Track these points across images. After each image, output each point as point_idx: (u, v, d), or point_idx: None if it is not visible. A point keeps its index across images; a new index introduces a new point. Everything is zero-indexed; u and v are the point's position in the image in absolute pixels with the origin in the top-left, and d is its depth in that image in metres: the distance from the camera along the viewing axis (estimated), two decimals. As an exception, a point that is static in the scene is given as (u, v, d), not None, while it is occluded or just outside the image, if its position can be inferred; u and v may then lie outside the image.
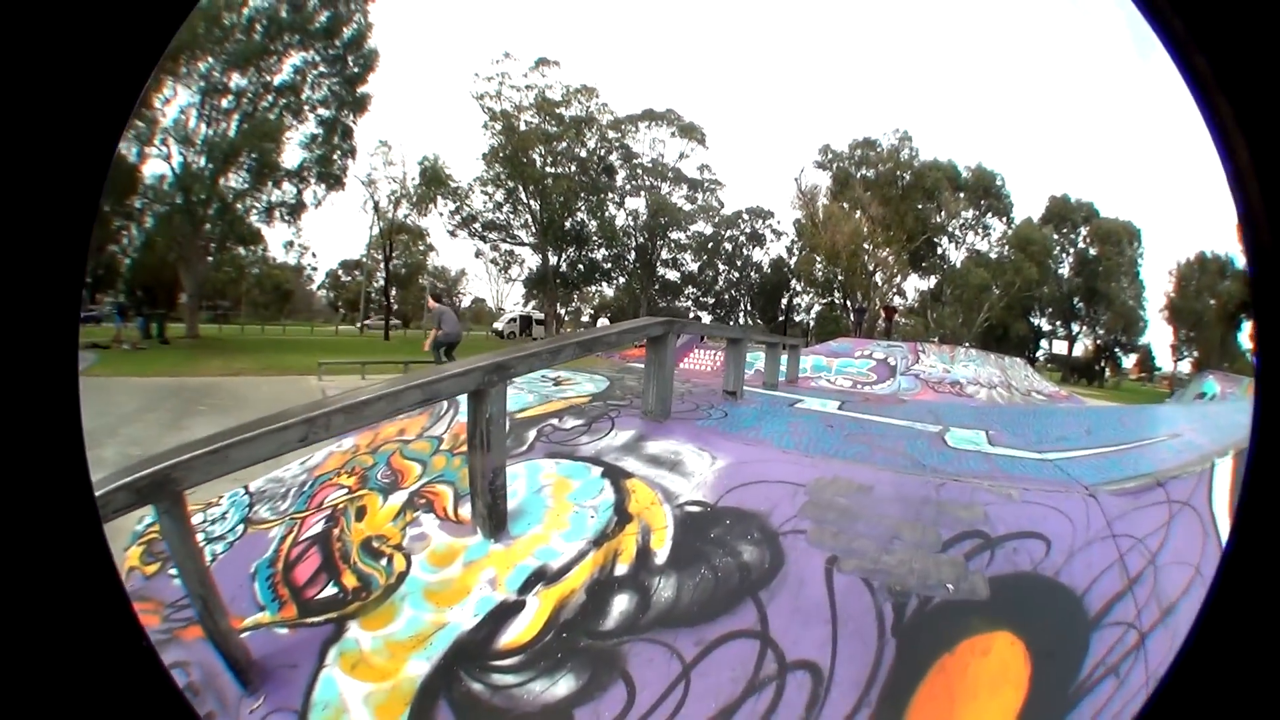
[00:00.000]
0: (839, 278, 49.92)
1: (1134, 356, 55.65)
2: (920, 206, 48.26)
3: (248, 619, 3.55)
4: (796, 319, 56.23)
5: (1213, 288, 50.78)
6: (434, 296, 19.38)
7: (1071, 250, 52.24)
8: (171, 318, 29.05)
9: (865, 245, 47.50)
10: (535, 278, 51.51)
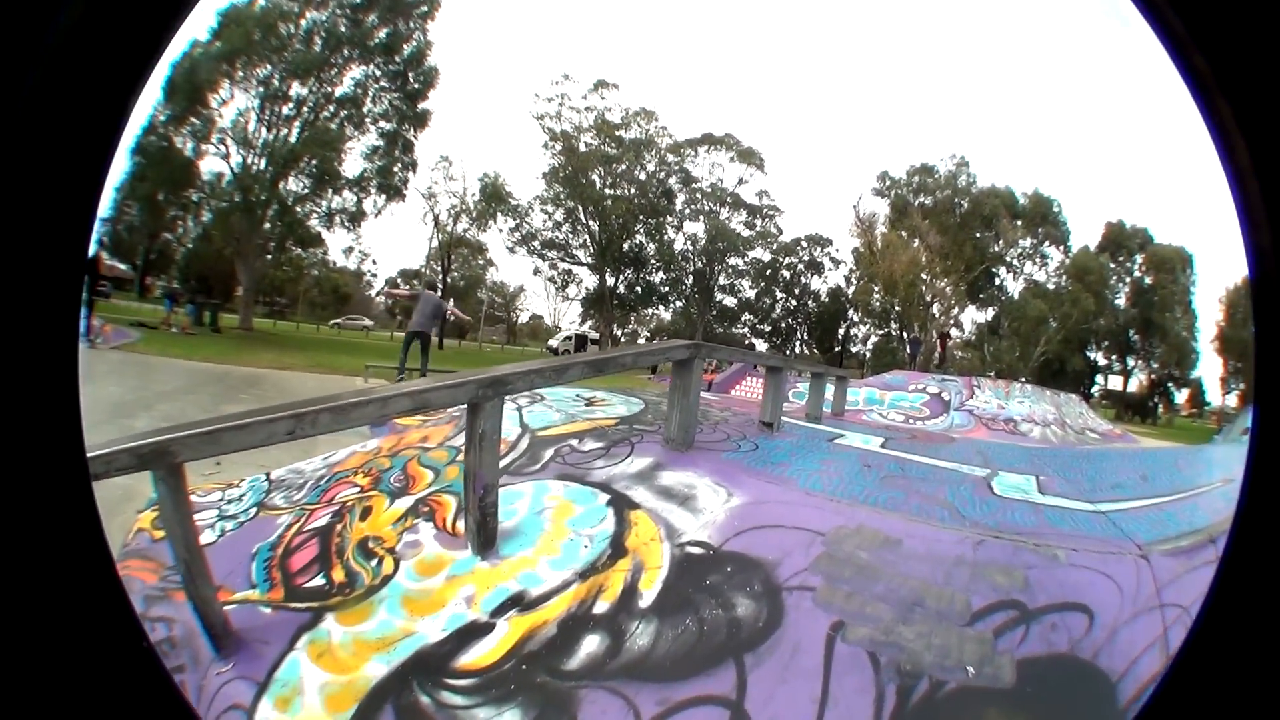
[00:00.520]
0: (896, 308, 49.14)
1: (1186, 391, 52.70)
2: (978, 235, 47.14)
3: (237, 593, 3.65)
4: (853, 349, 55.46)
5: (1262, 314, 47.15)
6: (429, 285, 18.24)
7: (1127, 279, 50.08)
8: (227, 309, 29.77)
9: (923, 275, 46.68)
10: (592, 297, 51.87)
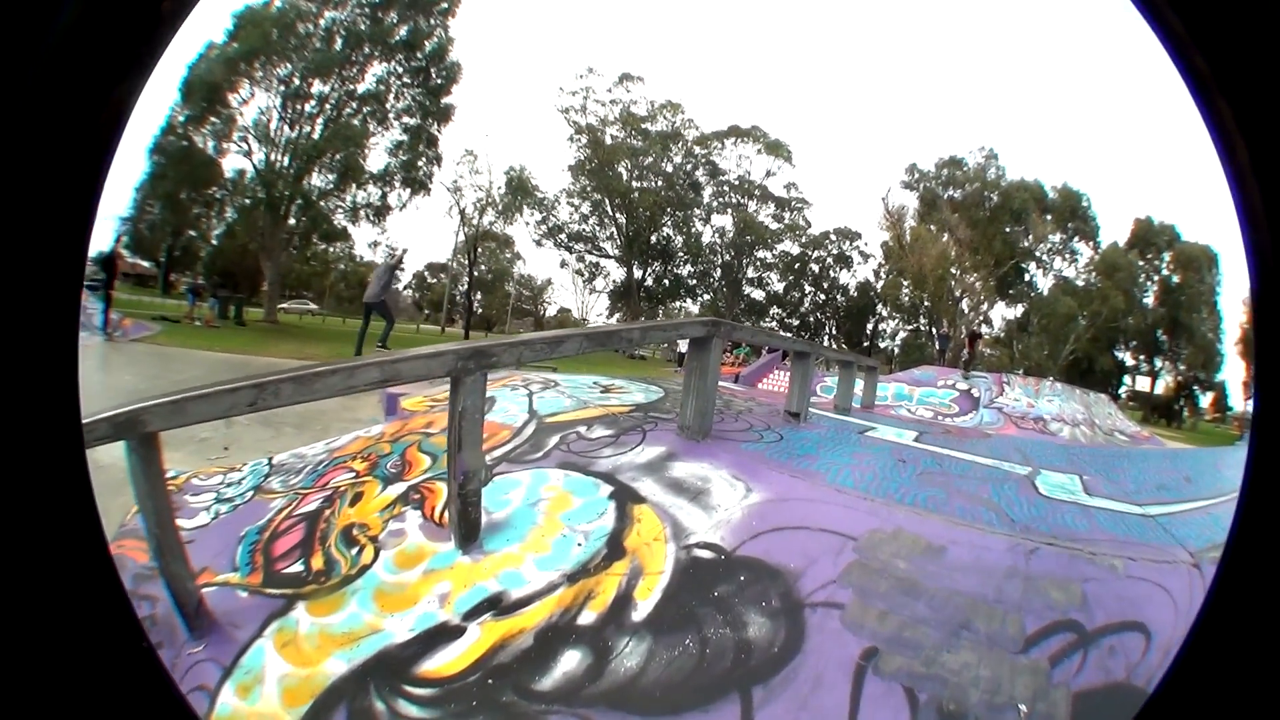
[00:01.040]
0: (925, 303, 48.49)
1: (1210, 395, 51.50)
2: (1008, 229, 46.42)
3: (219, 575, 3.55)
4: (881, 345, 55.14)
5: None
6: (393, 258, 17.08)
7: (1155, 278, 49.15)
8: (253, 303, 30.06)
9: (953, 269, 46.00)
10: (619, 290, 52.03)
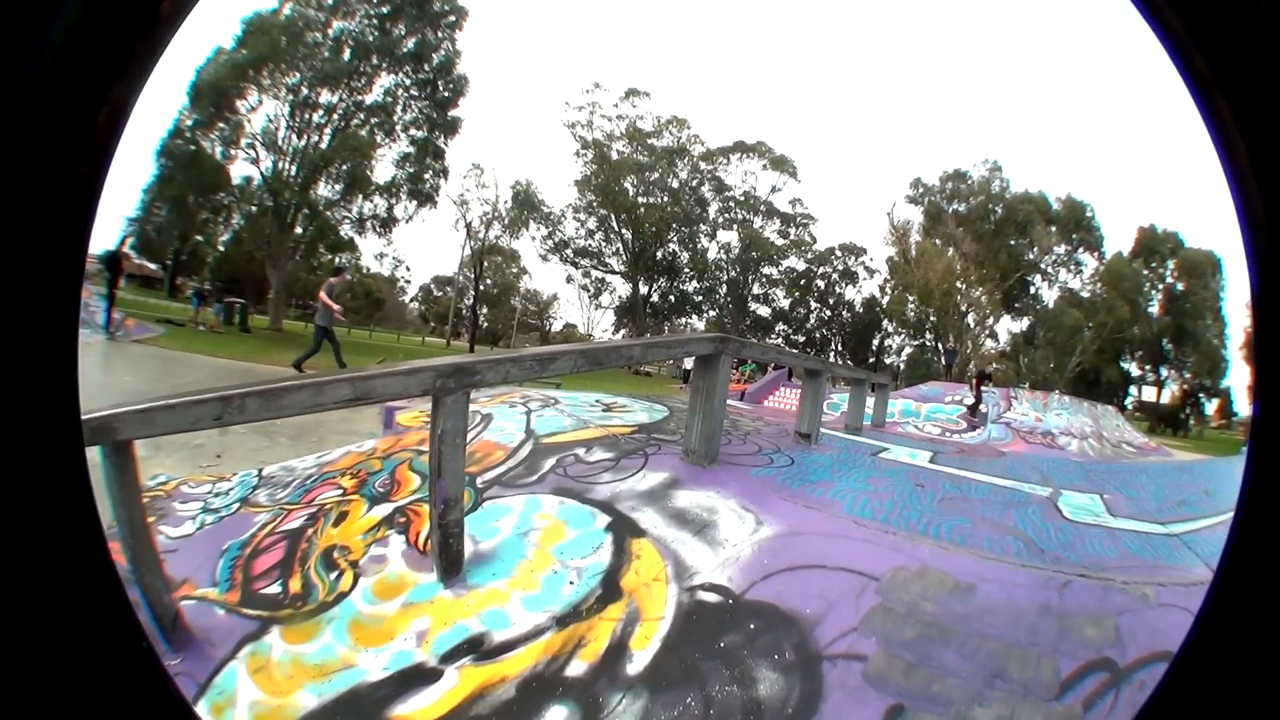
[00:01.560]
0: (931, 318, 48.29)
1: (1215, 402, 50.63)
2: (1013, 242, 46.28)
3: (198, 589, 3.45)
4: (887, 360, 54.76)
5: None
6: (333, 272, 17.02)
7: (1160, 286, 48.75)
8: (258, 310, 30.09)
9: (958, 284, 45.82)
10: (625, 306, 51.86)
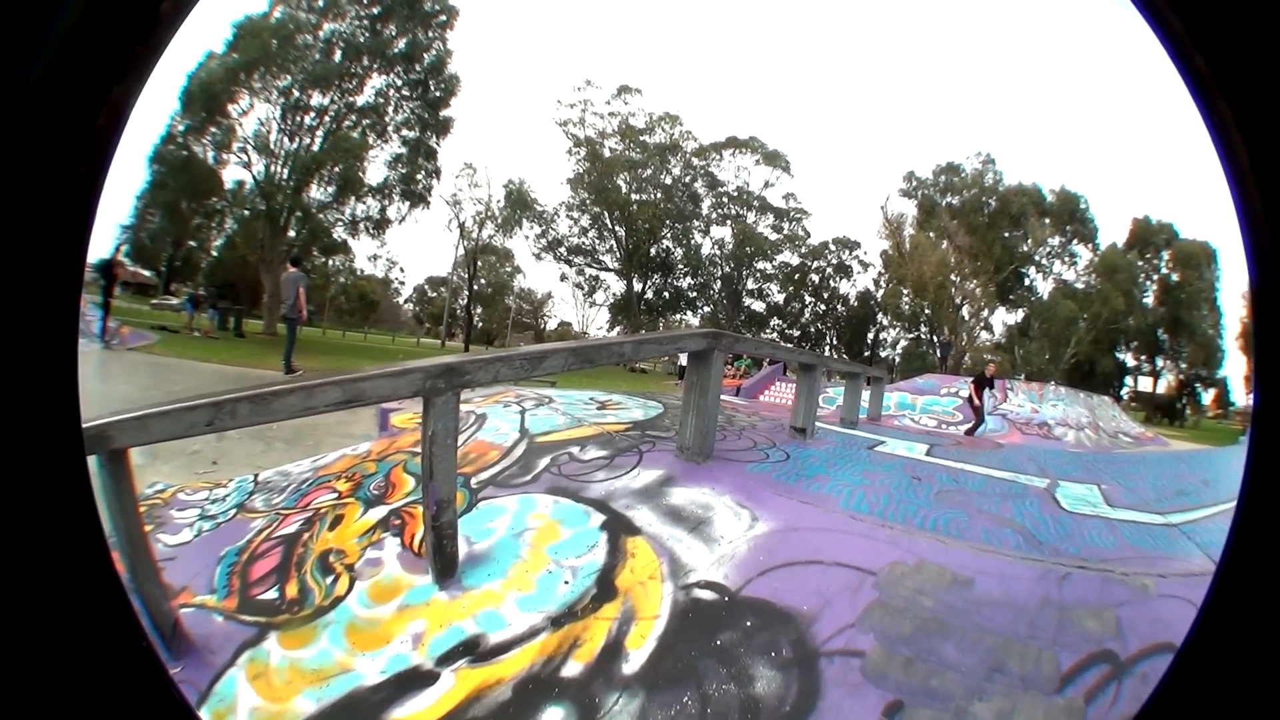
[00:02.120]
0: (925, 311, 48.38)
1: (1212, 391, 50.94)
2: (1006, 234, 46.36)
3: (197, 596, 3.45)
4: (882, 354, 54.79)
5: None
6: (292, 261, 17.41)
7: (1155, 277, 48.92)
8: (253, 315, 30.01)
9: (953, 276, 45.88)
10: (620, 303, 51.81)
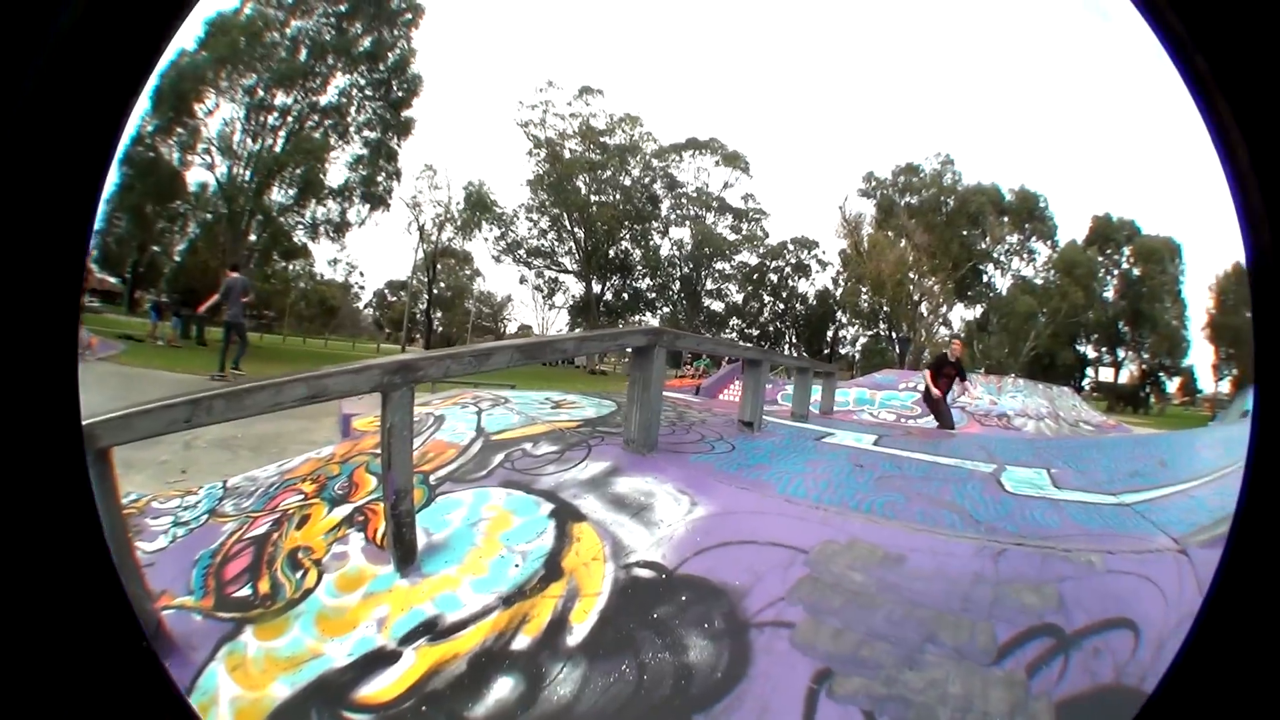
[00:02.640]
0: (885, 308, 49.21)
1: (1177, 380, 52.91)
2: (965, 233, 47.41)
3: (176, 599, 3.57)
4: (842, 351, 55.59)
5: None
6: (231, 267, 18.20)
7: (1115, 272, 50.47)
8: (215, 322, 29.70)
9: (911, 274, 46.82)
10: (579, 305, 51.92)
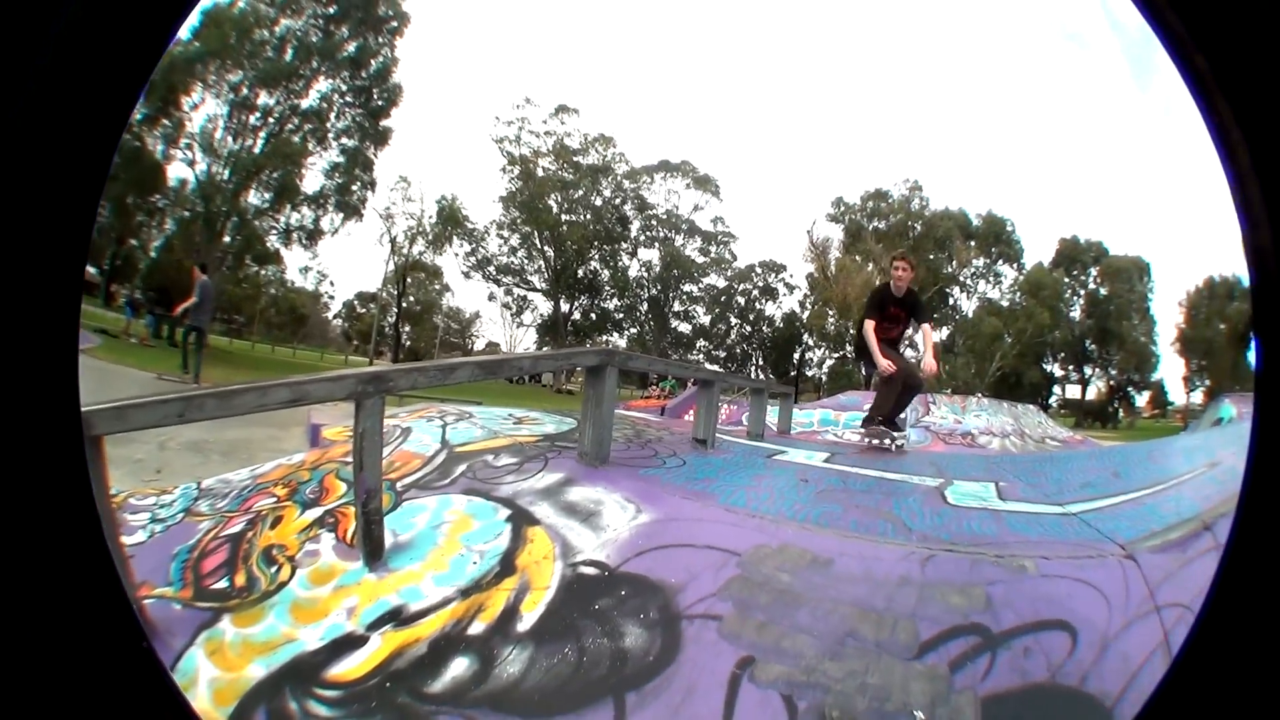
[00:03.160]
0: (851, 331, 49.73)
1: (1147, 394, 54.28)
2: (931, 257, 48.02)
3: (156, 589, 3.73)
4: (809, 373, 55.85)
5: (1222, 312, 48.88)
6: (200, 266, 18.18)
7: (1083, 292, 51.67)
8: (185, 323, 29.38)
9: (877, 298, 47.15)
10: (547, 324, 51.61)
